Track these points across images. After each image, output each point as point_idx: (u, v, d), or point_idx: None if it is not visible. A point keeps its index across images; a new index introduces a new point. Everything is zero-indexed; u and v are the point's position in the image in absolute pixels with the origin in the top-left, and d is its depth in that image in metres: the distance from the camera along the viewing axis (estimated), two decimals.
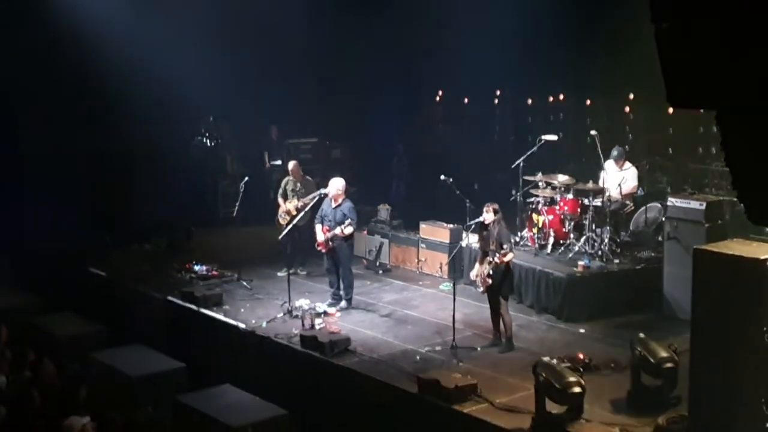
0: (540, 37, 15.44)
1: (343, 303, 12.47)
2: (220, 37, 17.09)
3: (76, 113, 16.40)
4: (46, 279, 15.22)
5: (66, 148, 16.45)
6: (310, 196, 13.52)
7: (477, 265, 11.09)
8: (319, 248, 12.61)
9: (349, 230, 12.24)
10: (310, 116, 17.60)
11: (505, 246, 10.66)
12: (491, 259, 10.68)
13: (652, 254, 12.78)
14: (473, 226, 11.67)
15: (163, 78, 16.33)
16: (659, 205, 13.00)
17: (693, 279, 7.82)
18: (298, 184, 14.18)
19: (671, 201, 12.15)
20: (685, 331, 8.53)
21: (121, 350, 12.25)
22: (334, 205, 12.43)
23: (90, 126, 16.62)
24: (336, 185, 12.53)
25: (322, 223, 12.47)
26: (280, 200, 14.21)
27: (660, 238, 12.70)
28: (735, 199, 4.06)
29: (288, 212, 13.97)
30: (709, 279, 7.64)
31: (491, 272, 10.69)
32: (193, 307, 12.54)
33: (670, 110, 12.81)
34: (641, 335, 9.39)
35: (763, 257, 7.35)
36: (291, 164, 14.48)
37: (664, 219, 12.55)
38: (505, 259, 10.64)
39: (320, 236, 12.43)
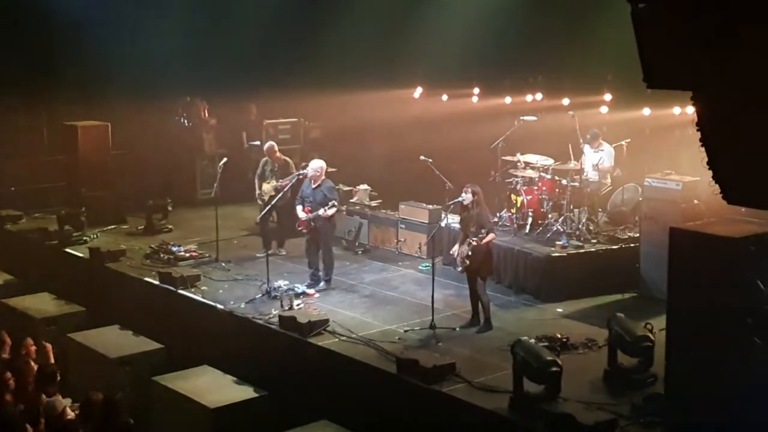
0: (520, 17, 15.46)
1: (323, 284, 12.48)
2: (198, 15, 16.96)
3: (52, 91, 16.29)
4: (23, 260, 15.14)
5: (42, 126, 16.35)
6: (288, 178, 13.50)
7: (457, 245, 11.12)
8: (300, 228, 12.60)
9: (332, 211, 12.25)
10: (289, 96, 17.51)
11: (483, 229, 10.70)
12: (470, 241, 10.71)
13: (629, 234, 12.84)
14: (452, 206, 11.70)
15: (141, 57, 16.21)
16: (636, 186, 13.06)
17: (669, 258, 7.87)
18: (276, 165, 14.15)
19: (648, 181, 12.22)
20: (661, 310, 8.59)
21: (99, 331, 12.25)
22: (314, 185, 12.42)
23: (67, 104, 16.50)
24: (315, 166, 12.52)
25: (302, 204, 12.46)
26: (257, 181, 14.19)
27: (637, 218, 12.77)
28: (711, 179, 4.08)
29: (267, 192, 13.96)
30: (685, 258, 7.70)
31: (470, 253, 10.72)
32: (171, 288, 12.50)
33: (648, 91, 12.82)
34: (618, 314, 9.48)
35: (738, 236, 7.40)
36: (267, 145, 14.43)
37: (641, 199, 12.62)
38: (485, 240, 10.68)
39: (302, 215, 12.41)
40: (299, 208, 12.49)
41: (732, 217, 8.47)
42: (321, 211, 12.16)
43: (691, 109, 4.32)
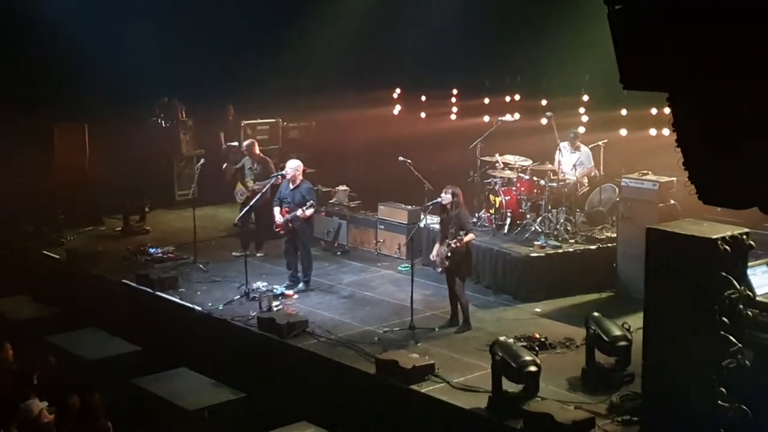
0: (498, 16, 15.52)
1: (301, 285, 12.46)
2: (175, 16, 16.89)
3: (29, 91, 16.17)
4: None
5: (18, 126, 16.22)
6: (266, 181, 13.47)
7: (437, 245, 11.14)
8: (277, 230, 12.57)
9: (310, 212, 12.21)
10: (268, 96, 17.49)
11: (462, 230, 10.72)
12: (450, 242, 10.73)
13: (607, 234, 12.92)
14: (431, 207, 11.73)
15: (118, 57, 16.11)
16: (613, 186, 13.14)
17: (646, 258, 7.92)
18: (255, 164, 14.15)
19: (625, 181, 12.29)
20: (638, 310, 8.64)
21: (77, 334, 12.17)
22: (292, 186, 12.39)
23: (43, 104, 16.38)
24: (293, 166, 12.49)
25: (280, 205, 12.42)
26: (236, 172, 14.22)
27: (614, 218, 12.84)
28: (687, 180, 4.11)
29: (243, 193, 13.98)
30: (662, 258, 7.74)
31: (449, 254, 10.74)
32: (149, 290, 12.44)
33: (624, 92, 12.88)
34: (595, 314, 9.52)
35: (714, 236, 7.46)
36: (248, 142, 14.41)
37: (618, 199, 12.69)
38: (465, 240, 10.69)
39: (279, 218, 12.37)
40: (277, 209, 12.46)
41: (707, 217, 8.55)
42: (299, 212, 12.13)
43: (667, 110, 4.35)
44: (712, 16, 3.62)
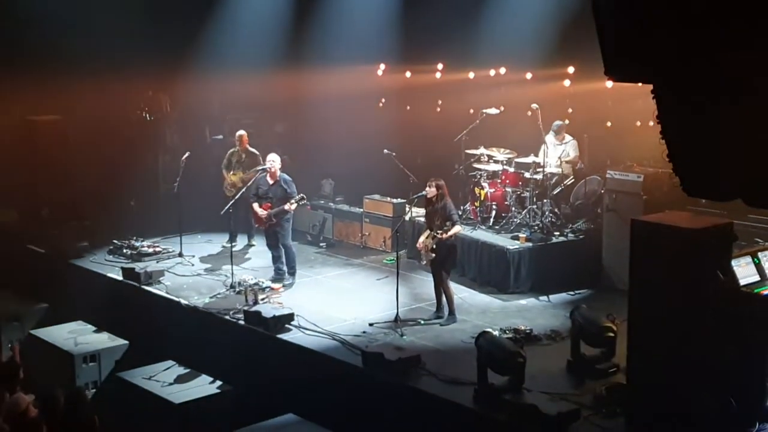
0: (480, 9, 15.49)
1: (287, 278, 12.46)
2: (160, 8, 16.80)
3: (9, 85, 16.06)
4: None
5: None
6: (254, 170, 13.46)
7: (422, 237, 11.15)
8: (257, 225, 12.55)
9: (295, 205, 12.21)
10: (253, 90, 17.42)
11: (448, 222, 10.73)
12: (435, 234, 10.74)
13: (592, 226, 12.97)
14: (416, 200, 11.74)
15: (102, 51, 16.03)
16: (598, 178, 13.18)
17: (631, 250, 7.96)
18: (243, 155, 14.13)
19: (610, 173, 12.35)
20: (623, 301, 8.68)
21: (63, 328, 12.15)
22: (271, 181, 12.37)
23: (25, 98, 16.28)
24: (274, 159, 12.46)
25: (259, 200, 12.39)
26: (225, 172, 14.17)
27: (599, 210, 12.89)
28: (672, 172, 4.13)
29: (233, 185, 13.95)
30: (647, 250, 7.79)
31: (435, 246, 10.76)
32: (135, 283, 12.41)
33: (609, 84, 12.93)
34: (581, 306, 9.58)
35: (698, 228, 7.51)
36: (239, 133, 14.38)
37: (603, 191, 12.74)
38: (450, 233, 10.71)
39: (261, 213, 12.34)
40: (256, 205, 12.42)
41: (692, 208, 8.61)
42: (286, 206, 12.12)
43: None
44: (700, 7, 3.64)
